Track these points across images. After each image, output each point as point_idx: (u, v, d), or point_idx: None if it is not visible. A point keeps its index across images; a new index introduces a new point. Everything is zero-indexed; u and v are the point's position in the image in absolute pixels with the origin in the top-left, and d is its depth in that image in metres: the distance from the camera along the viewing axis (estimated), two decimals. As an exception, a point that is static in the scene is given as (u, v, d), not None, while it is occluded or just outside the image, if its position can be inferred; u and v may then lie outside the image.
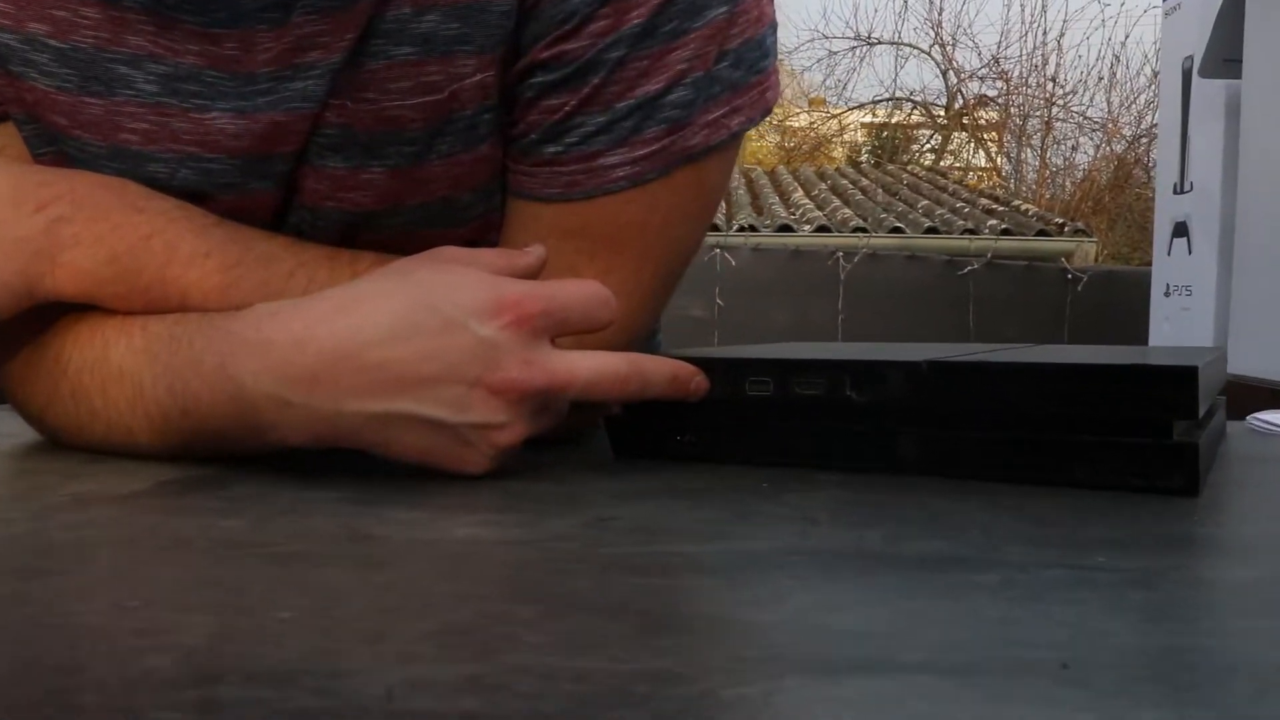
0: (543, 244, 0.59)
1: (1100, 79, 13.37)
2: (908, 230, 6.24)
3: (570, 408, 0.53)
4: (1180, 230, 1.52)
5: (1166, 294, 1.53)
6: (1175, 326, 1.49)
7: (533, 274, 0.55)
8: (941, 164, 12.64)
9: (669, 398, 0.54)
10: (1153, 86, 10.76)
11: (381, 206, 0.62)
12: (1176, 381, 0.45)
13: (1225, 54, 1.40)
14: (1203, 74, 1.43)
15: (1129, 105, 11.37)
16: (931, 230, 6.23)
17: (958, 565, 0.34)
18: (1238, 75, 1.38)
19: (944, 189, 8.50)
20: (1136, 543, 0.38)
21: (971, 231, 6.17)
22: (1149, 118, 11.02)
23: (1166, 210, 1.56)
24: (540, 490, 0.49)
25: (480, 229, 0.65)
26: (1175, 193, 1.53)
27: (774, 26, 0.65)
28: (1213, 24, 1.39)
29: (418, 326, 0.49)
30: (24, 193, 0.58)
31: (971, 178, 11.96)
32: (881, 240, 5.72)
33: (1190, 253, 1.46)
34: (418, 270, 0.52)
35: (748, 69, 0.62)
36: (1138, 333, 1.93)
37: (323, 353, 0.48)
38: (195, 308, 0.57)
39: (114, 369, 0.56)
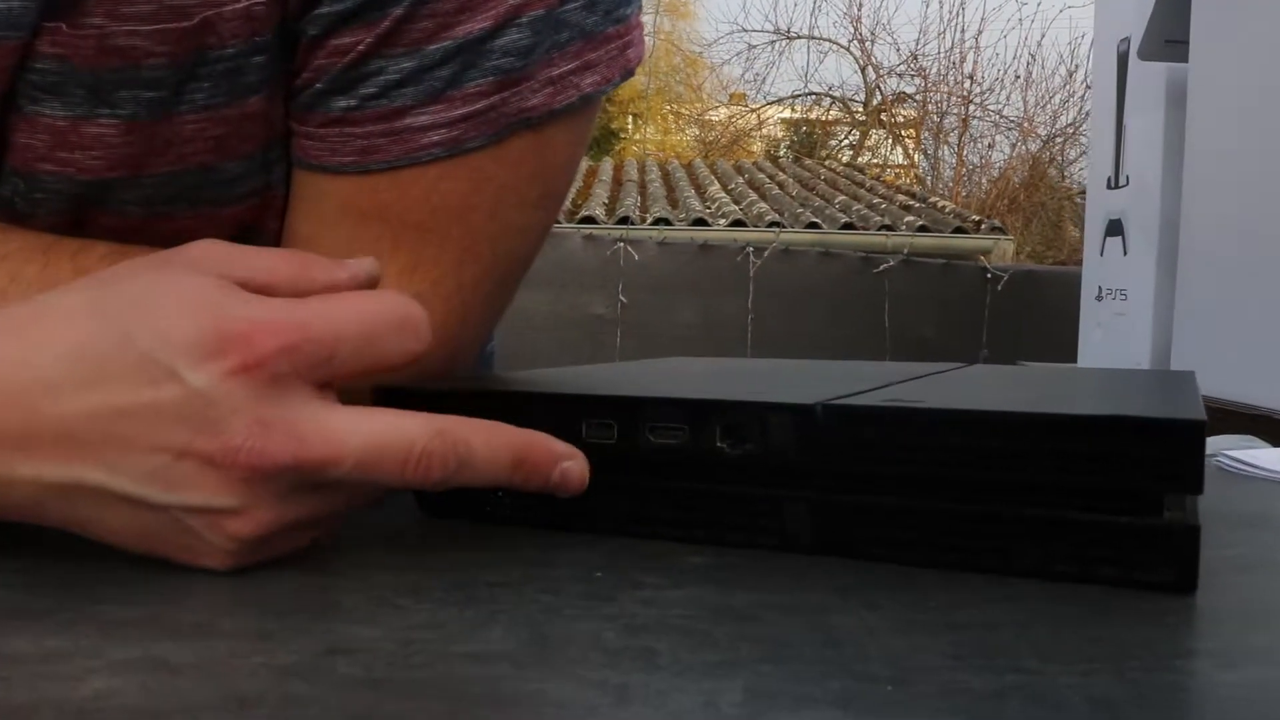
0: (333, 230, 0.45)
1: (1017, 78, 13.49)
2: (824, 225, 6.16)
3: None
4: (1114, 228, 1.40)
5: (1099, 297, 1.41)
6: (1109, 333, 1.38)
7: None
8: (859, 160, 12.66)
9: (514, 488, 0.38)
10: (1068, 87, 10.86)
11: (117, 173, 0.46)
12: (1173, 440, 0.32)
13: (1168, 34, 1.29)
14: (1143, 56, 1.31)
15: (1044, 105, 11.46)
16: (848, 226, 6.15)
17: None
18: (1182, 58, 1.27)
19: (861, 185, 8.46)
20: (1123, 709, 0.24)
21: (888, 228, 6.10)
22: (1063, 117, 11.13)
23: (1099, 207, 1.43)
24: (282, 590, 0.35)
25: (257, 211, 0.50)
26: (1109, 187, 1.41)
27: None
28: (1154, 1, 1.28)
29: (104, 366, 0.34)
30: None
31: (889, 174, 11.97)
32: (796, 235, 5.62)
33: (1125, 253, 1.34)
34: (123, 282, 0.36)
35: (604, 15, 0.48)
36: (1062, 336, 1.83)
37: None
38: None
39: None
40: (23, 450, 0.34)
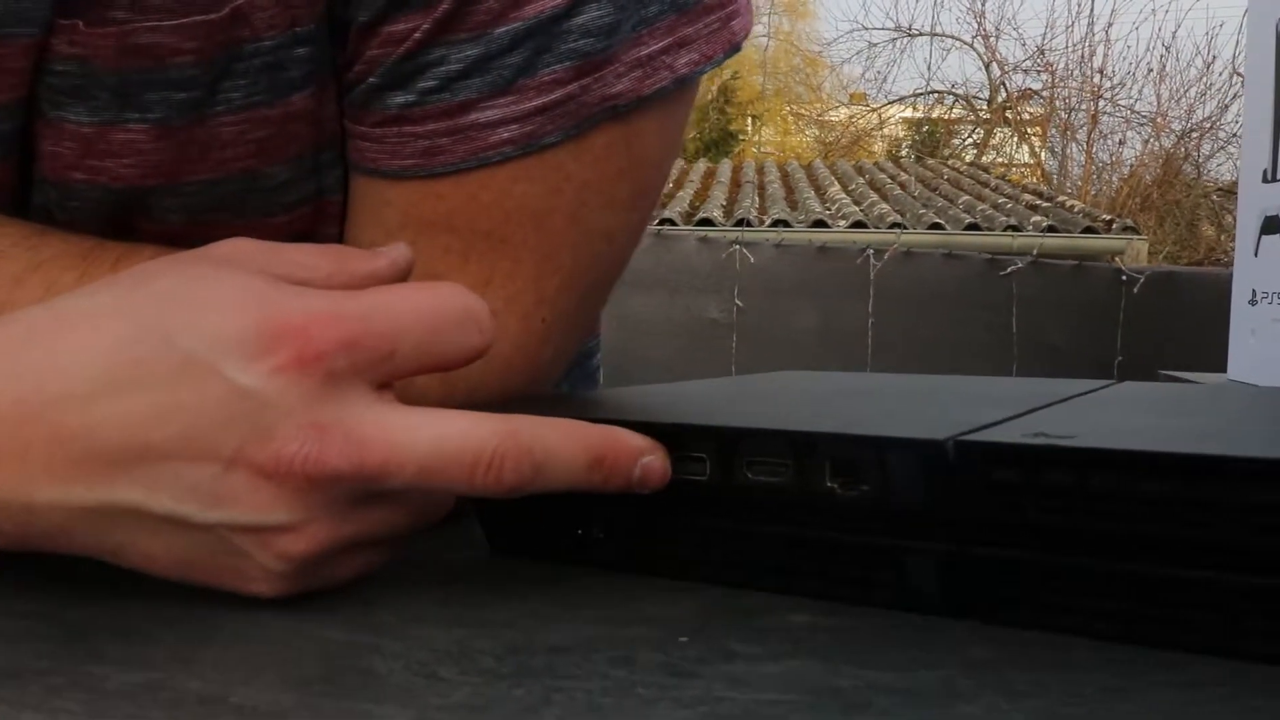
0: (396, 240, 0.40)
1: (1149, 71, 13.02)
2: (948, 226, 6.01)
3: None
4: (1272, 225, 1.29)
5: (1253, 301, 1.30)
6: (1264, 340, 1.27)
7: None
8: (983, 159, 12.38)
9: (592, 489, 0.33)
10: (1204, 79, 10.48)
11: (153, 181, 0.42)
12: None
13: (1337, 10, 1.18)
14: (1306, 36, 1.21)
15: (1178, 99, 11.05)
16: (972, 226, 5.99)
17: None
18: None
19: (986, 184, 8.26)
20: None
21: (1014, 228, 5.92)
22: (1199, 111, 10.73)
23: (1254, 202, 1.32)
24: (311, 648, 0.30)
25: (311, 219, 0.46)
26: (1265, 181, 1.30)
27: None
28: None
29: (142, 370, 0.30)
30: None
31: (1014, 173, 11.67)
32: (918, 237, 5.48)
33: (1285, 253, 1.24)
34: (158, 279, 0.32)
35: None
36: (1206, 343, 1.72)
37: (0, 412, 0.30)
38: None
39: None
40: (48, 471, 0.30)
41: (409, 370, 0.32)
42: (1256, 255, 1.29)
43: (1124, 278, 3.25)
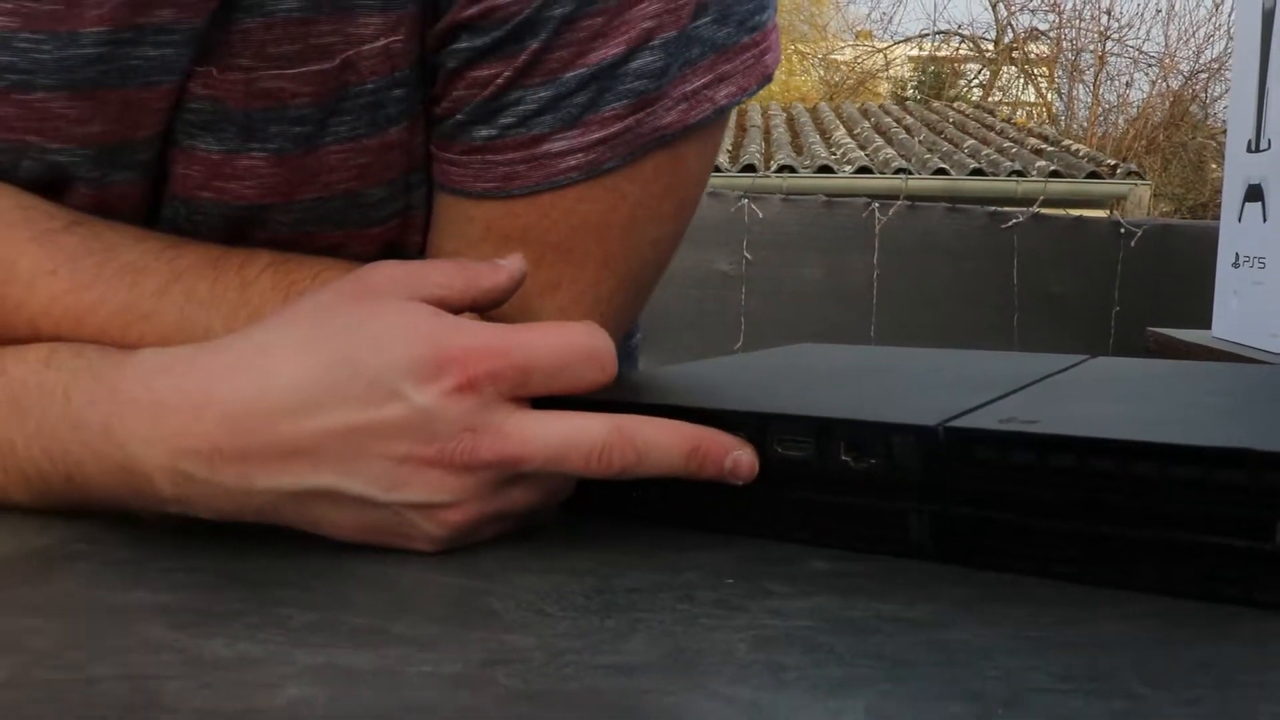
0: (477, 250, 0.48)
1: (1158, 11, 12.92)
2: (952, 172, 6.05)
3: None
4: (1254, 194, 1.36)
5: (1235, 264, 1.37)
6: (1245, 301, 1.34)
7: (503, 296, 0.45)
8: (990, 99, 12.34)
9: (689, 476, 0.42)
10: (1213, 20, 10.42)
11: (268, 200, 0.50)
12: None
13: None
14: (1289, 15, 1.27)
15: (1187, 40, 10.99)
16: (977, 172, 6.03)
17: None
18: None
19: (991, 127, 8.27)
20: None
21: (1019, 173, 5.96)
22: (1208, 52, 10.68)
23: (1239, 170, 1.39)
24: (437, 593, 0.38)
25: (399, 230, 0.54)
26: (1249, 151, 1.37)
27: None
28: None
29: (337, 392, 0.39)
30: None
31: (1021, 114, 11.65)
32: (922, 183, 5.53)
33: (1265, 220, 1.30)
34: (337, 314, 0.41)
35: (738, 25, 0.50)
36: (1199, 296, 1.79)
37: (226, 420, 0.39)
38: (49, 337, 0.47)
39: None
40: (262, 465, 0.39)
41: (541, 393, 0.41)
42: (1240, 221, 1.36)
43: (1122, 230, 3.32)
